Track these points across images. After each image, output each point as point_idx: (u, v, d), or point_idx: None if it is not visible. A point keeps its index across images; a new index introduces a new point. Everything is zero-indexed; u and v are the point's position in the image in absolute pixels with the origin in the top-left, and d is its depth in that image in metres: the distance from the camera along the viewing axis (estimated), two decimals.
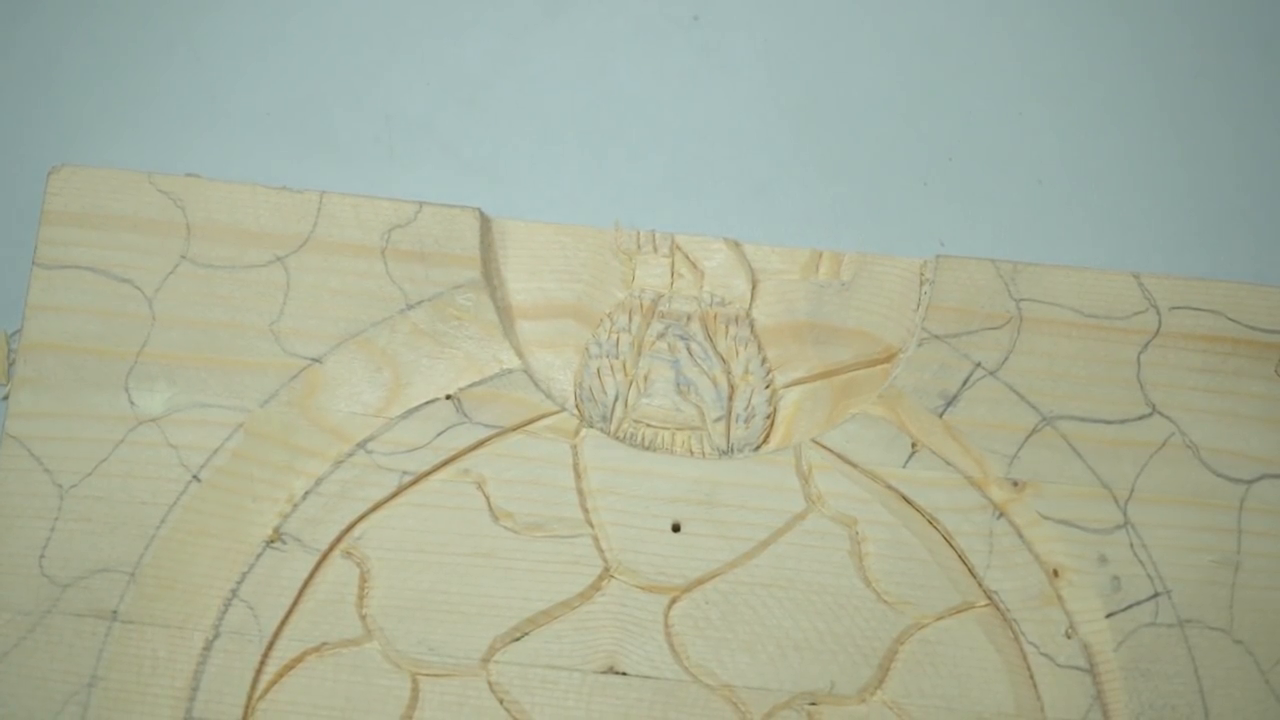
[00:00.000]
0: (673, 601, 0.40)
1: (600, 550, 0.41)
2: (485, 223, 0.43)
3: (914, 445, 0.41)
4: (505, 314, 0.43)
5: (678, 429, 0.42)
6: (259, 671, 0.40)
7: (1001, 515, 0.41)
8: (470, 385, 0.42)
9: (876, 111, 0.44)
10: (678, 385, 0.42)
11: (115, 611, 0.40)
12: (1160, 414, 0.41)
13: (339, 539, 0.41)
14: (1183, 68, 0.44)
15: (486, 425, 0.41)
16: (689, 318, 0.42)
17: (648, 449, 0.41)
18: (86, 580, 0.41)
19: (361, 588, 0.41)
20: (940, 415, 0.41)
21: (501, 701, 0.40)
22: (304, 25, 0.45)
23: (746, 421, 0.42)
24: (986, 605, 0.40)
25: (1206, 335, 0.42)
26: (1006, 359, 0.42)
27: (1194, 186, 0.44)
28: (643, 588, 0.41)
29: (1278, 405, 0.42)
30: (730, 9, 0.45)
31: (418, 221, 0.43)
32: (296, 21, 0.45)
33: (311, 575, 0.41)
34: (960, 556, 0.41)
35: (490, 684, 0.40)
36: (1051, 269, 0.42)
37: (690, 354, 0.42)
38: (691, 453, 0.42)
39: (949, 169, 0.44)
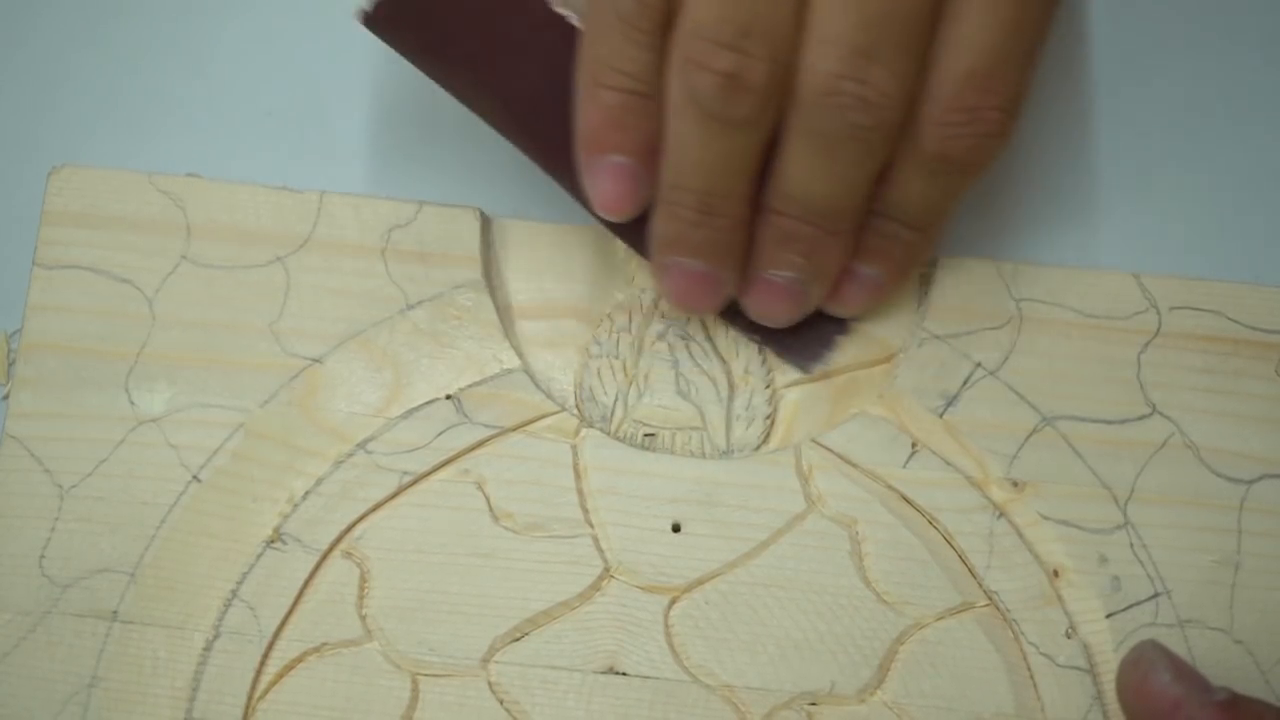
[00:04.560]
0: (673, 602, 0.41)
1: (600, 550, 0.41)
2: (485, 223, 0.43)
3: (914, 445, 0.41)
4: (505, 314, 0.43)
5: (678, 429, 0.42)
6: (259, 672, 0.40)
7: (1001, 515, 0.41)
8: (470, 385, 0.42)
9: None
10: (678, 385, 0.42)
11: (115, 612, 0.40)
12: (1160, 414, 0.41)
13: (339, 539, 0.41)
14: (1183, 67, 0.44)
15: (487, 425, 0.41)
16: (689, 318, 0.42)
17: (648, 449, 0.41)
18: (87, 580, 0.41)
19: (361, 588, 0.41)
20: (940, 415, 0.41)
21: (501, 702, 0.40)
22: (305, 25, 0.45)
23: (747, 422, 0.42)
24: (986, 605, 0.40)
25: (1206, 335, 0.42)
26: (1006, 359, 0.42)
27: (1194, 186, 0.44)
28: (643, 588, 0.41)
29: (1278, 405, 0.42)
30: None
31: (418, 221, 0.43)
32: (297, 21, 0.45)
33: (311, 575, 0.41)
34: (960, 557, 0.41)
35: (490, 684, 0.40)
36: (1051, 269, 0.42)
37: (690, 354, 0.42)
38: (691, 453, 0.42)
39: None
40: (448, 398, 0.42)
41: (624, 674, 0.40)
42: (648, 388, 0.42)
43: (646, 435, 0.42)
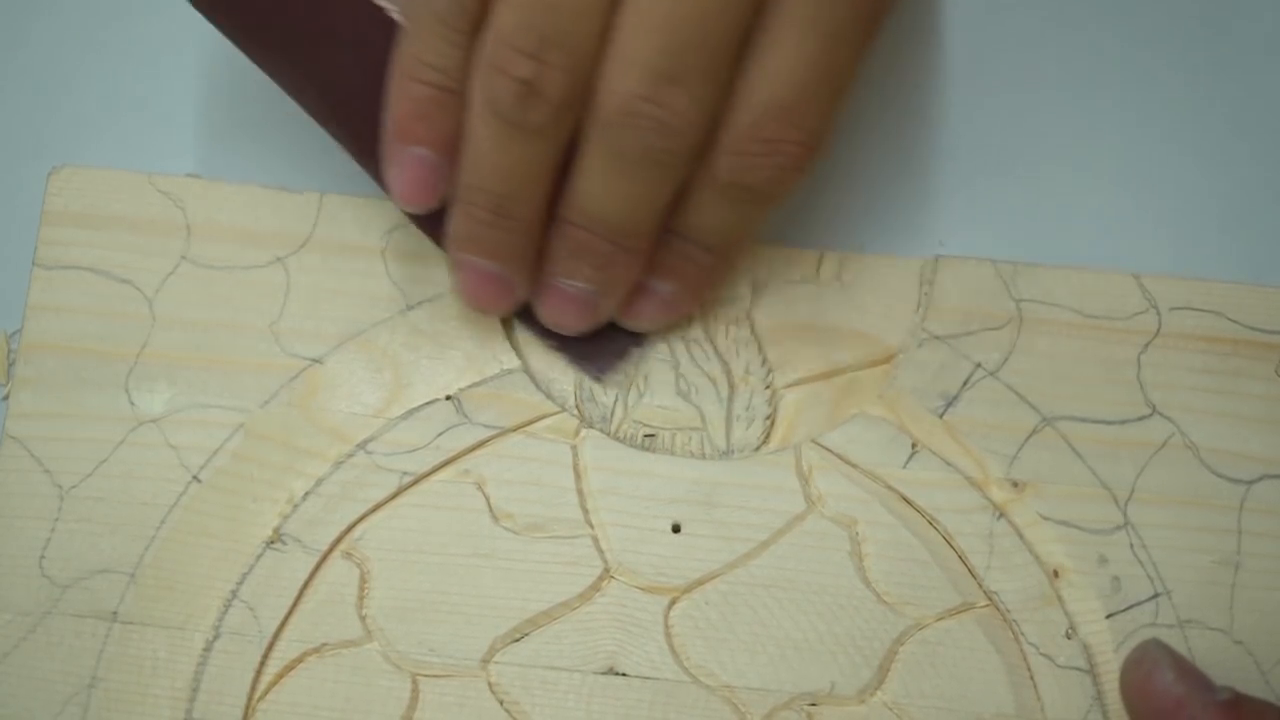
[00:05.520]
0: (673, 602, 0.41)
1: (600, 551, 0.41)
2: None
3: (914, 446, 0.41)
4: None
5: (678, 429, 0.42)
6: (259, 672, 0.40)
7: (1001, 516, 0.41)
8: (470, 386, 0.42)
9: (876, 112, 0.44)
10: (678, 386, 0.42)
11: (115, 612, 0.40)
12: (1160, 414, 0.41)
13: (339, 540, 0.41)
14: (1183, 67, 0.44)
15: (487, 426, 0.41)
16: (689, 319, 0.42)
17: (648, 450, 0.41)
18: (87, 581, 0.41)
19: (361, 588, 0.41)
20: (940, 415, 0.41)
21: (501, 702, 0.40)
22: None
23: (747, 422, 0.42)
24: (986, 606, 0.40)
25: (1206, 335, 0.42)
26: (1006, 359, 0.42)
27: (1194, 186, 0.44)
28: (643, 588, 0.41)
29: (1278, 405, 0.42)
30: None
31: None
32: None
33: (311, 576, 0.41)
34: (960, 557, 0.41)
35: (490, 685, 0.40)
36: (1051, 269, 0.42)
37: (690, 355, 0.42)
38: (691, 453, 0.42)
39: (949, 169, 0.44)
40: (448, 398, 0.42)
41: (624, 674, 0.40)
42: (648, 388, 0.42)
43: (646, 436, 0.42)
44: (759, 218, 0.39)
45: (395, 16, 0.39)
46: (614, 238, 0.38)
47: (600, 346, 0.42)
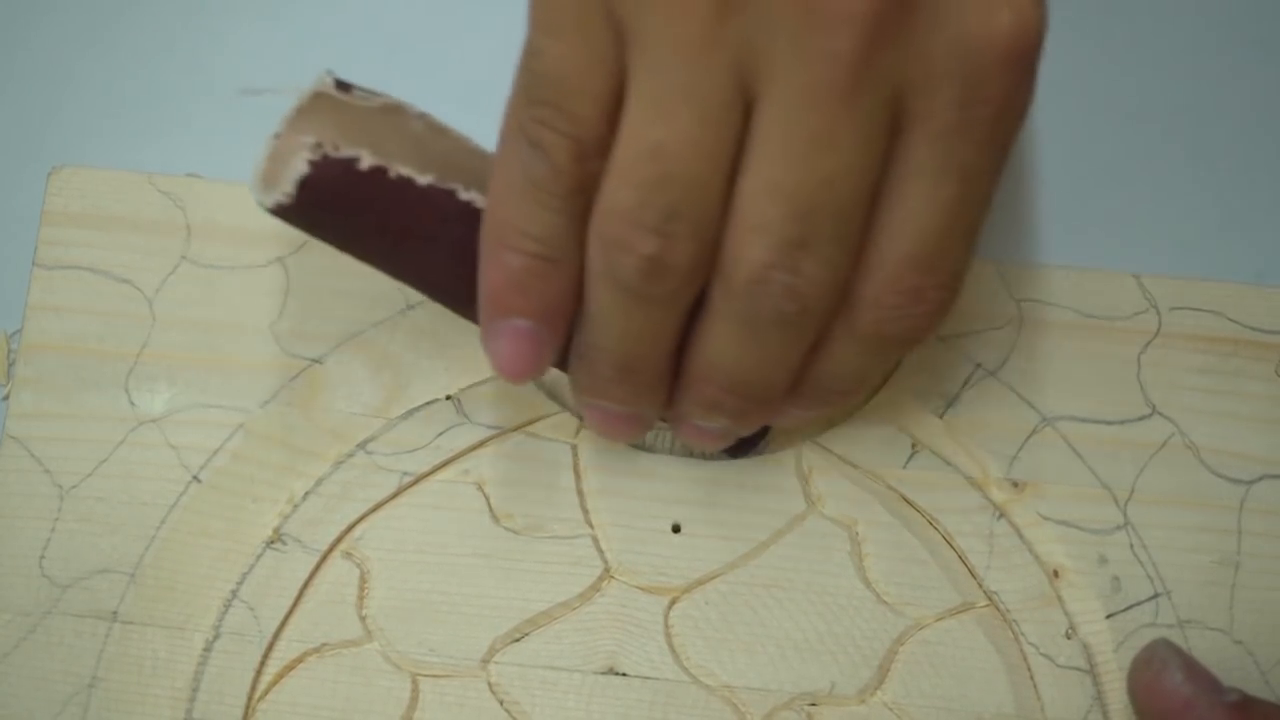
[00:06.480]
0: (673, 602, 0.41)
1: (600, 551, 0.41)
2: None
3: (914, 446, 0.41)
4: None
5: None
6: (259, 672, 0.40)
7: (1001, 516, 0.41)
8: (470, 386, 0.42)
9: None
10: None
11: (115, 612, 0.40)
12: (1160, 414, 0.41)
13: (339, 540, 0.41)
14: (1183, 67, 0.44)
15: (487, 426, 0.41)
16: None
17: (648, 450, 0.41)
18: (87, 581, 0.41)
19: (362, 588, 0.41)
20: (940, 415, 0.41)
21: (502, 702, 0.40)
22: (305, 27, 0.45)
23: None
24: (986, 606, 0.40)
25: (1206, 335, 0.42)
26: (1006, 359, 0.42)
27: (1194, 186, 0.44)
28: (643, 588, 0.41)
29: (1278, 405, 0.42)
30: None
31: None
32: (298, 23, 0.45)
33: (311, 576, 0.41)
34: (960, 557, 0.41)
35: (490, 685, 0.40)
36: (1051, 269, 0.42)
37: None
38: (691, 454, 0.42)
39: None
40: (448, 398, 0.42)
41: (624, 674, 0.40)
42: None
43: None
44: (897, 359, 0.40)
45: (476, 203, 0.36)
46: (746, 393, 0.37)
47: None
